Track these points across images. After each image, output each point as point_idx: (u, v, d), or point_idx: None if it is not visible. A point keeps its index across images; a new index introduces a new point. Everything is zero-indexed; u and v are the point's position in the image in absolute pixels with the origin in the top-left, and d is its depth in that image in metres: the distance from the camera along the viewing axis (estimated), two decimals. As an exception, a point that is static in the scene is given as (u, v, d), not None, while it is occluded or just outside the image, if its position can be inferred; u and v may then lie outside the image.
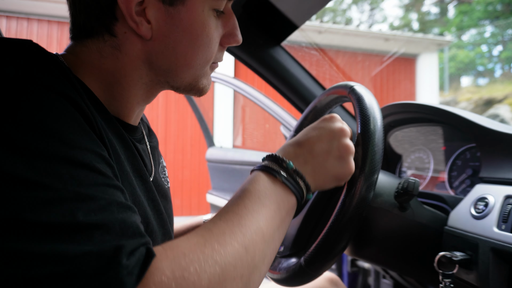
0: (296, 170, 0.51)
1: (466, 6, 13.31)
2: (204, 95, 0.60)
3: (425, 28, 15.08)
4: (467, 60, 12.23)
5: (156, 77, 0.55)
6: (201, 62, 0.55)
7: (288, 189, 0.50)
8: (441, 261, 0.63)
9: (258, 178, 0.50)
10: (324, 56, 1.57)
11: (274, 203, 0.47)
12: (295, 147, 0.54)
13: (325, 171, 0.53)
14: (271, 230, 0.46)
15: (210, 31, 0.53)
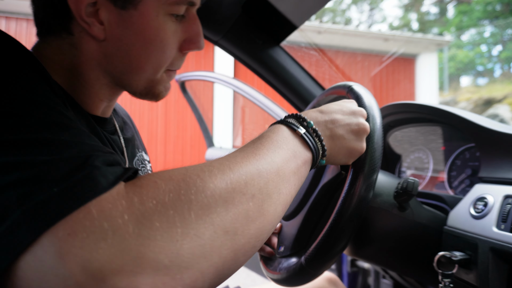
0: (315, 130, 0.50)
1: (465, 6, 13.32)
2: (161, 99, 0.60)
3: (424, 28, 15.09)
4: (467, 60, 12.24)
5: (112, 79, 0.55)
6: (155, 67, 0.55)
7: (306, 144, 0.49)
8: (441, 261, 0.63)
9: (277, 128, 0.49)
10: (323, 56, 1.58)
11: (291, 150, 0.46)
12: (317, 112, 0.54)
13: (342, 141, 0.53)
14: (287, 170, 0.44)
15: (165, 36, 0.53)
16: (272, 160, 0.43)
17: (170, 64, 0.57)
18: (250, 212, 0.37)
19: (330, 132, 0.52)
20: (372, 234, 0.69)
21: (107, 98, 0.59)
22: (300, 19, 1.08)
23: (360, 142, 0.54)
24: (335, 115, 0.54)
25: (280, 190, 0.42)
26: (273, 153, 0.44)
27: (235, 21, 1.06)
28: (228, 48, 1.13)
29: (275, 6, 1.03)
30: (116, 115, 0.67)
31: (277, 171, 0.42)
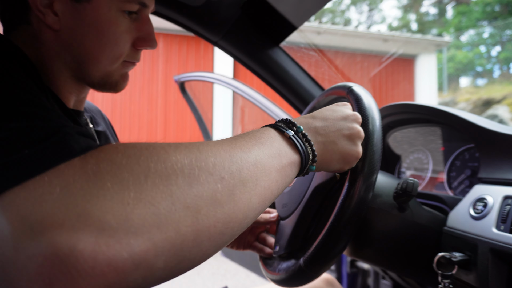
0: (305, 134, 0.48)
1: (464, 7, 13.34)
2: (121, 91, 0.64)
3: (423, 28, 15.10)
4: (466, 60, 12.25)
5: (73, 72, 0.59)
6: (110, 58, 0.59)
7: (294, 146, 0.46)
8: (440, 262, 0.63)
9: (264, 130, 0.47)
10: (322, 57, 1.58)
11: (275, 148, 0.44)
12: (308, 118, 0.53)
13: (334, 147, 0.51)
14: (268, 165, 0.41)
15: (117, 30, 0.58)
16: (249, 151, 0.40)
17: (126, 57, 0.61)
18: (217, 194, 0.34)
19: (321, 137, 0.51)
20: (372, 235, 0.69)
21: (75, 93, 0.62)
22: (300, 19, 1.08)
23: (353, 146, 0.53)
24: (326, 120, 0.53)
25: (258, 181, 0.39)
26: (252, 146, 0.41)
27: (235, 22, 1.06)
28: (227, 48, 1.13)
29: (275, 7, 1.03)
30: (85, 111, 0.71)
31: (255, 162, 0.40)
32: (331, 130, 0.52)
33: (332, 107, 0.57)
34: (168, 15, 1.02)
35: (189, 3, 0.98)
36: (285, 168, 0.44)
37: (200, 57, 5.57)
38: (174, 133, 5.37)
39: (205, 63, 5.59)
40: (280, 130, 0.47)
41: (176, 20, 1.04)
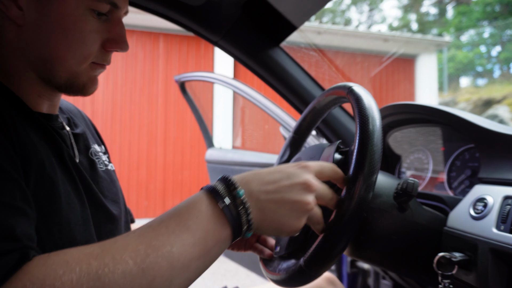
0: (243, 202, 0.46)
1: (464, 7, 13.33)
2: (90, 95, 0.62)
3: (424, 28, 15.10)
4: (466, 60, 12.25)
5: (37, 73, 0.57)
6: (76, 57, 0.56)
7: (226, 220, 0.45)
8: (440, 262, 0.63)
9: (198, 200, 0.45)
10: (323, 57, 1.58)
11: (201, 231, 0.43)
12: (255, 179, 0.49)
13: (273, 216, 0.48)
14: (187, 258, 0.42)
15: (85, 28, 0.55)
16: (168, 251, 0.40)
17: (94, 58, 0.59)
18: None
19: (261, 203, 0.47)
20: (372, 235, 0.69)
21: (46, 97, 0.60)
22: (300, 19, 1.08)
23: (294, 219, 0.49)
24: (273, 184, 0.49)
25: (172, 282, 0.40)
26: (175, 238, 0.41)
27: (235, 22, 1.06)
28: (227, 49, 1.13)
29: (275, 7, 1.03)
30: (61, 112, 0.69)
31: (171, 262, 0.40)
32: (274, 198, 0.48)
33: (290, 168, 0.52)
34: (168, 15, 1.03)
35: (189, 3, 0.98)
36: (210, 251, 0.44)
37: (200, 57, 5.57)
38: (174, 133, 5.37)
39: (205, 63, 5.59)
40: (215, 198, 0.45)
41: (176, 20, 1.04)
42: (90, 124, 0.78)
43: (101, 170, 0.68)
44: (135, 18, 5.06)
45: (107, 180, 0.68)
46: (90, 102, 5.06)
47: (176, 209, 0.44)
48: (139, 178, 5.18)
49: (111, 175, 0.71)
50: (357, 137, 0.57)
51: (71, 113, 0.72)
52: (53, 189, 0.51)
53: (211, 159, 2.16)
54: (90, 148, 0.69)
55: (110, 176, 0.70)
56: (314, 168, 0.53)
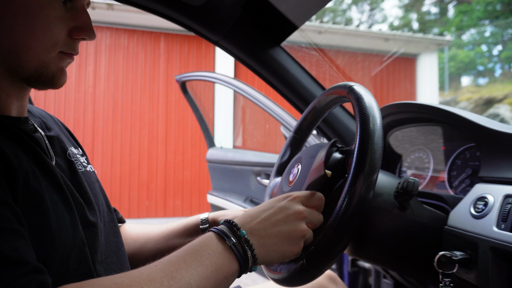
0: (247, 240, 0.52)
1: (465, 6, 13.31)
2: (60, 87, 0.60)
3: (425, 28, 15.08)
4: (467, 59, 12.23)
5: (4, 64, 0.55)
6: (44, 45, 0.55)
7: (234, 256, 0.51)
8: (441, 261, 0.63)
9: (208, 239, 0.52)
10: (324, 57, 1.58)
11: (213, 265, 0.49)
12: (253, 219, 0.56)
13: (274, 248, 0.55)
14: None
15: (51, 15, 0.55)
16: (187, 282, 0.45)
17: (62, 47, 0.58)
18: None
19: (263, 241, 0.54)
20: (373, 234, 0.69)
21: (15, 96, 0.59)
22: (301, 19, 1.08)
23: (293, 246, 0.56)
24: (269, 223, 0.55)
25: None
26: (192, 271, 0.47)
27: (236, 22, 1.07)
28: (228, 48, 1.13)
29: (276, 7, 1.03)
30: (32, 116, 0.68)
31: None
32: (272, 232, 0.55)
33: (279, 203, 0.58)
34: (169, 14, 1.03)
35: (190, 3, 0.99)
36: (221, 284, 0.49)
37: (201, 57, 5.57)
38: (175, 133, 5.37)
39: (206, 62, 5.59)
40: (223, 238, 0.51)
41: (177, 19, 1.05)
42: (64, 128, 0.77)
43: (80, 172, 0.67)
44: (136, 18, 5.06)
45: (87, 182, 0.68)
46: (91, 102, 5.07)
47: (191, 246, 0.50)
48: (140, 178, 5.18)
49: (90, 176, 0.71)
50: (358, 136, 0.58)
51: (43, 117, 0.71)
52: (40, 201, 0.51)
53: (212, 158, 2.16)
54: (67, 150, 0.68)
55: (89, 177, 0.70)
56: (301, 198, 0.60)
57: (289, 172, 0.77)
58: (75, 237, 0.56)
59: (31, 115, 0.68)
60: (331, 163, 0.69)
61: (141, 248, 0.82)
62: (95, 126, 5.08)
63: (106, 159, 5.07)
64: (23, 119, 0.62)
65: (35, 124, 0.65)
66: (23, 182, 0.49)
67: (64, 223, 0.54)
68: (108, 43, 5.20)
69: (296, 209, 0.57)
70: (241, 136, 4.55)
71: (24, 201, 0.49)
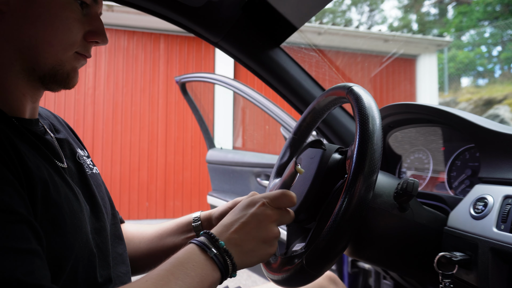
0: (226, 250, 0.56)
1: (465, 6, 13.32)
2: (72, 88, 0.63)
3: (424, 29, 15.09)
4: (467, 60, 12.23)
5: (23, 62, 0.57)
6: (63, 44, 0.58)
7: (215, 266, 0.54)
8: (441, 262, 0.63)
9: (191, 251, 0.55)
10: (323, 57, 1.58)
11: (198, 276, 0.52)
12: (228, 227, 0.59)
13: (251, 253, 0.58)
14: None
15: (71, 16, 0.58)
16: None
17: (78, 48, 0.61)
18: None
19: (240, 249, 0.57)
20: (372, 235, 0.69)
21: (29, 96, 0.60)
22: (300, 20, 1.08)
23: (269, 247, 0.60)
24: (243, 231, 0.58)
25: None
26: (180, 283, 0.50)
27: (235, 23, 1.07)
28: (228, 49, 1.13)
29: (275, 8, 1.04)
30: (41, 118, 0.69)
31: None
32: (248, 239, 0.58)
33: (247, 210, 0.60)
34: (168, 16, 1.03)
35: (189, 4, 0.99)
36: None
37: (201, 58, 5.57)
38: (175, 134, 5.37)
39: (206, 64, 5.59)
40: (204, 249, 0.55)
41: (176, 21, 1.05)
42: (69, 128, 0.78)
43: (88, 174, 0.69)
44: (136, 19, 5.07)
45: (94, 185, 0.69)
46: (91, 103, 5.07)
47: (176, 259, 0.53)
48: (140, 179, 5.18)
49: (97, 178, 0.72)
50: (357, 137, 0.58)
51: (50, 119, 0.72)
52: (59, 212, 0.52)
53: (212, 159, 2.16)
54: (76, 153, 0.70)
55: (96, 180, 0.71)
56: (269, 201, 0.61)
57: (289, 173, 0.77)
58: (87, 245, 0.57)
59: (40, 116, 0.68)
60: (331, 164, 0.69)
61: (136, 248, 0.83)
62: (95, 127, 5.08)
63: (106, 160, 5.07)
64: (34, 121, 0.63)
65: (45, 126, 0.67)
66: (42, 193, 0.51)
67: (79, 232, 0.55)
68: (108, 44, 5.20)
69: (266, 214, 0.59)
70: (241, 137, 4.55)
71: (43, 212, 0.50)
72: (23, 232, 0.43)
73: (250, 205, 0.61)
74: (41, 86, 0.61)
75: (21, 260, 0.41)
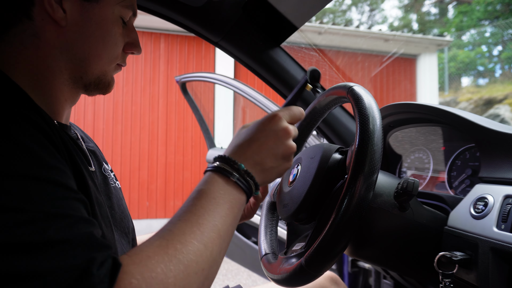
0: (247, 171, 0.55)
1: (465, 6, 13.32)
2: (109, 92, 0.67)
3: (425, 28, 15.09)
4: (467, 60, 12.23)
5: (72, 71, 0.61)
6: (109, 56, 0.63)
7: (240, 188, 0.54)
8: (441, 261, 0.63)
9: (213, 180, 0.54)
10: (323, 57, 1.58)
11: (227, 202, 0.52)
12: (244, 148, 0.58)
13: (271, 169, 0.58)
14: (226, 226, 0.51)
15: (118, 32, 0.63)
16: (213, 225, 0.49)
17: (119, 59, 0.66)
18: (203, 283, 0.46)
19: (260, 167, 0.57)
20: (373, 235, 0.69)
21: (69, 101, 0.64)
22: (301, 20, 1.08)
23: (286, 163, 0.59)
24: (261, 148, 0.57)
25: (222, 248, 0.50)
26: (213, 213, 0.50)
27: (235, 22, 1.07)
28: (228, 49, 1.14)
29: (276, 7, 1.04)
30: (75, 128, 0.73)
31: (219, 233, 0.49)
32: (268, 156, 0.58)
33: (264, 125, 0.59)
34: (169, 15, 1.03)
35: (189, 4, 0.99)
36: (236, 217, 0.54)
37: (201, 58, 5.57)
38: (176, 134, 5.37)
39: (206, 63, 5.59)
40: (226, 175, 0.54)
41: (177, 21, 1.05)
42: (95, 144, 0.80)
43: (112, 187, 0.71)
44: (136, 19, 5.06)
45: (116, 198, 0.71)
46: (92, 103, 5.07)
47: (201, 192, 0.52)
48: (141, 179, 5.18)
49: (118, 192, 0.74)
50: (357, 137, 0.58)
51: (78, 130, 0.75)
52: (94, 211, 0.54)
53: (212, 159, 2.16)
54: (102, 164, 0.73)
55: (118, 193, 0.73)
56: (286, 116, 0.61)
57: (289, 173, 0.77)
58: None
59: (71, 125, 0.72)
60: (331, 164, 0.69)
61: None
62: (95, 127, 5.09)
63: (107, 160, 5.07)
64: (68, 126, 0.66)
65: (77, 133, 0.70)
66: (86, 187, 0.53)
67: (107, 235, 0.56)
68: (108, 44, 5.20)
69: (283, 129, 0.59)
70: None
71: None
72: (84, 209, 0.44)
73: (266, 122, 0.60)
74: (84, 92, 0.65)
75: (93, 225, 0.42)
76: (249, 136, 0.59)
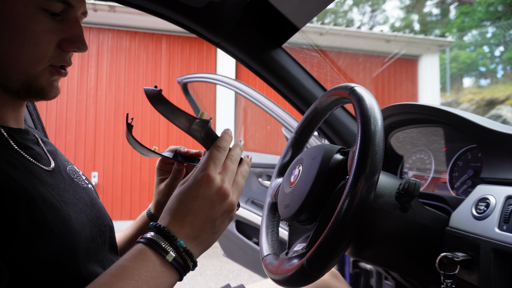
0: (186, 249, 0.49)
1: (467, 7, 13.30)
2: (52, 99, 0.59)
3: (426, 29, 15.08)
4: (469, 61, 12.21)
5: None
6: (30, 59, 0.54)
7: (174, 270, 0.48)
8: (443, 262, 0.63)
9: (143, 257, 0.46)
10: (325, 58, 1.58)
11: (155, 283, 0.46)
12: (183, 221, 0.51)
13: (210, 240, 0.53)
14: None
15: (37, 28, 0.53)
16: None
17: (52, 60, 0.57)
18: None
19: (199, 239, 0.51)
20: (374, 235, 0.69)
21: (10, 106, 0.58)
22: (302, 20, 1.08)
23: (226, 223, 0.54)
24: (201, 218, 0.51)
25: None
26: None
27: (237, 23, 1.07)
28: (230, 50, 1.14)
29: (277, 8, 1.04)
30: (34, 131, 0.68)
31: None
32: (205, 228, 0.52)
33: (196, 192, 0.52)
34: (170, 16, 1.03)
35: (191, 5, 0.99)
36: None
37: (202, 58, 5.58)
38: (177, 134, 5.38)
39: (207, 64, 5.60)
40: (161, 254, 0.47)
41: (178, 21, 1.05)
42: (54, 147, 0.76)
43: (82, 187, 0.67)
44: (137, 20, 5.07)
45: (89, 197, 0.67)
46: (93, 103, 5.08)
47: (125, 270, 0.45)
48: (142, 179, 5.19)
49: (92, 192, 0.70)
50: (359, 138, 0.58)
51: (36, 132, 0.71)
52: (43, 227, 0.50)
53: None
54: (68, 166, 0.68)
55: (91, 193, 0.69)
56: (214, 170, 0.54)
57: (291, 173, 0.77)
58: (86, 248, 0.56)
59: (33, 130, 0.68)
60: (332, 165, 0.69)
61: None
62: (97, 128, 5.10)
63: (108, 160, 5.08)
64: (24, 130, 0.61)
65: (37, 136, 0.66)
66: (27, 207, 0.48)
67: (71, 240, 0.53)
68: (110, 44, 5.22)
69: (216, 192, 0.52)
70: (243, 137, 4.55)
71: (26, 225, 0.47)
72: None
73: (196, 186, 0.52)
74: (19, 99, 0.58)
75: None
76: (183, 202, 0.52)
